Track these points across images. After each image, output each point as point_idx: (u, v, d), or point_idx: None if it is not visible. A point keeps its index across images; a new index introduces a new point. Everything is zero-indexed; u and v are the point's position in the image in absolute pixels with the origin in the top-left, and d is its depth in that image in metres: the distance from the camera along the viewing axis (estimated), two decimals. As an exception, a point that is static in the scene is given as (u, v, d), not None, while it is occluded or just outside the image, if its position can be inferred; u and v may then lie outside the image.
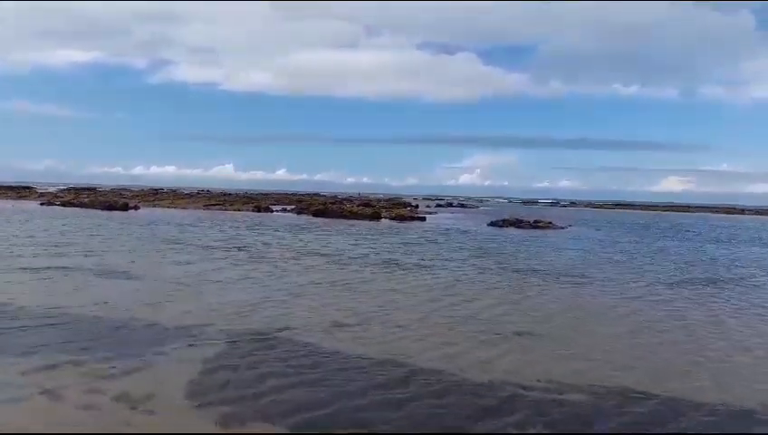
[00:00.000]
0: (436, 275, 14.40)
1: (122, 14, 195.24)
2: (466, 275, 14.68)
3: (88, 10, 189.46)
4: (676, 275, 16.02)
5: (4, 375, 6.00)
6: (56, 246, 17.13)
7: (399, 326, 8.84)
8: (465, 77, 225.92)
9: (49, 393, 5.56)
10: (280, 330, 8.26)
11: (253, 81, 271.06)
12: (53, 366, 6.33)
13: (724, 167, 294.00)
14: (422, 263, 16.65)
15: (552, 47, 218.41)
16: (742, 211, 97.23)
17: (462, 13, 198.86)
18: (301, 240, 22.36)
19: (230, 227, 27.66)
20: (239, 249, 18.34)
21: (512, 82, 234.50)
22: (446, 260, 17.56)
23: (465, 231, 31.15)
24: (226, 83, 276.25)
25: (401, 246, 21.53)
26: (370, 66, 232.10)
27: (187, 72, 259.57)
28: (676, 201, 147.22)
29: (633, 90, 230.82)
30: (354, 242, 22.29)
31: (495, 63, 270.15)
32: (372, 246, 21.03)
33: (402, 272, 14.73)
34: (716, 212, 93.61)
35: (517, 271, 15.56)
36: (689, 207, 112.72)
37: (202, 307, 9.65)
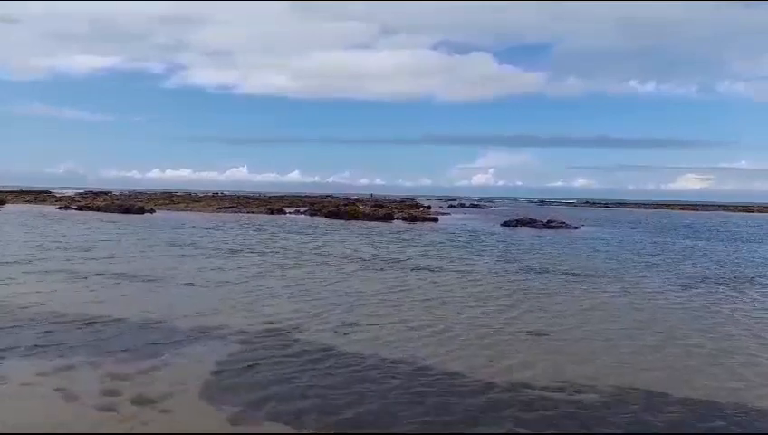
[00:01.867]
0: (443, 278, 14.37)
1: (140, 19, 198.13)
2: (483, 274, 14.65)
3: (106, 14, 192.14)
4: (689, 275, 15.83)
5: (21, 376, 6.11)
6: (76, 249, 17.40)
7: (411, 328, 8.87)
8: (479, 77, 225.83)
9: (66, 394, 5.66)
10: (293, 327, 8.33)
11: (268, 83, 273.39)
12: (70, 367, 6.44)
13: (743, 164, 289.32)
14: (429, 265, 16.63)
15: (567, 45, 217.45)
16: (754, 209, 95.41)
17: (477, 12, 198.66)
18: (323, 242, 22.46)
19: (245, 230, 27.86)
20: (257, 253, 18.47)
21: (527, 80, 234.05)
22: (461, 261, 17.52)
23: (478, 231, 31.05)
24: (241, 86, 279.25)
25: (410, 247, 21.52)
26: (385, 67, 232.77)
27: (203, 76, 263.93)
28: (694, 199, 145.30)
29: (650, 87, 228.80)
30: (369, 243, 22.35)
31: (511, 62, 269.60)
32: (380, 246, 21.06)
33: (399, 272, 14.73)
34: (732, 211, 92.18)
35: (530, 270, 15.48)
36: (706, 205, 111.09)
37: (226, 310, 9.75)
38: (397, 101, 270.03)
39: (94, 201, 50.40)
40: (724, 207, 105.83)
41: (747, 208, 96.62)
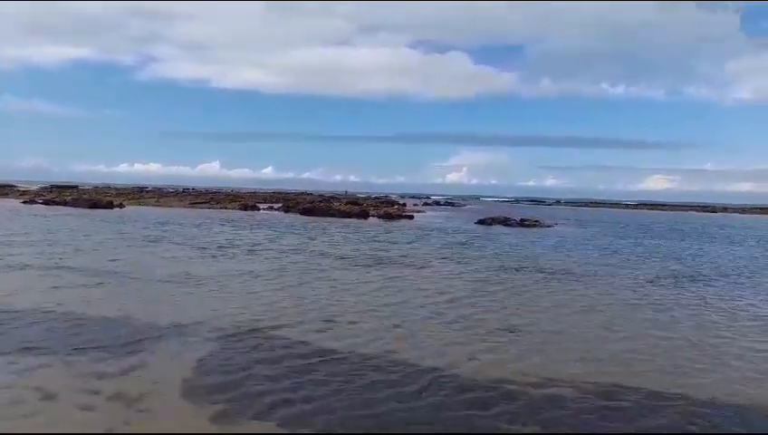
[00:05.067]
0: (426, 276, 14.49)
1: (114, 10, 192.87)
2: (459, 272, 14.81)
3: (78, 6, 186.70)
4: (655, 272, 16.30)
5: (-4, 375, 5.97)
6: (43, 244, 16.94)
7: (396, 325, 8.93)
8: (456, 76, 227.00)
9: (43, 394, 5.55)
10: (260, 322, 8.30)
11: (244, 78, 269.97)
12: (47, 366, 6.31)
13: (708, 166, 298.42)
14: (412, 262, 16.74)
15: (542, 47, 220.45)
16: (716, 209, 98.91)
17: (454, 12, 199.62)
18: (299, 240, 22.34)
19: (219, 226, 27.52)
20: (234, 249, 18.28)
21: (502, 81, 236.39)
22: (438, 258, 17.67)
23: (454, 229, 31.32)
24: (216, 80, 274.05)
25: (387, 245, 21.60)
26: (362, 64, 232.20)
27: (178, 69, 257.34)
28: (661, 199, 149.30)
29: (620, 89, 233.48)
30: (346, 241, 22.34)
31: (487, 63, 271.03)
32: (357, 244, 21.10)
33: (378, 271, 14.81)
34: (697, 211, 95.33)
35: (505, 268, 15.72)
36: (671, 205, 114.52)
37: (204, 308, 9.64)
38: (373, 98, 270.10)
39: (61, 195, 49.04)
40: (689, 207, 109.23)
41: (711, 209, 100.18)
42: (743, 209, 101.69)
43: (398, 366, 6.82)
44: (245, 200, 51.09)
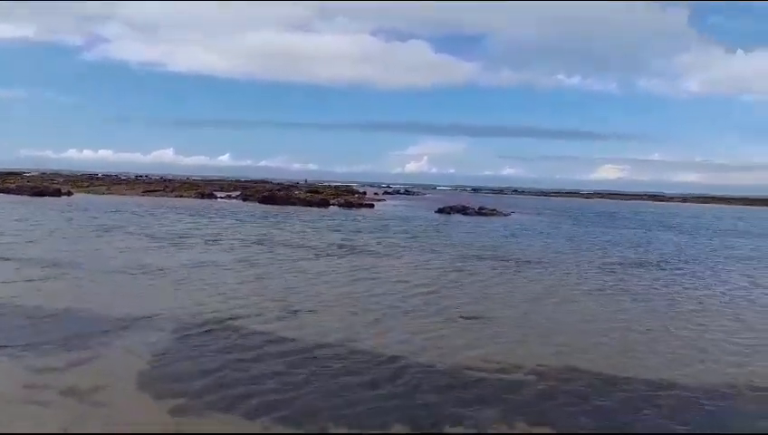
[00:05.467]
0: (390, 265, 14.52)
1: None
2: (421, 260, 14.91)
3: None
4: (608, 257, 16.87)
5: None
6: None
7: (353, 313, 8.91)
8: (416, 64, 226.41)
9: (-12, 390, 5.27)
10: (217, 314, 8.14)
11: (198, 61, 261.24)
12: (-8, 361, 5.99)
13: (656, 156, 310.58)
14: (376, 251, 16.74)
15: (503, 37, 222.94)
16: (666, 199, 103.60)
17: (416, 0, 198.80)
18: (259, 228, 21.94)
19: (176, 214, 26.77)
20: (191, 238, 17.81)
21: (462, 70, 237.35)
22: (400, 247, 17.73)
23: (413, 218, 31.51)
24: (170, 64, 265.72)
25: (348, 233, 21.55)
26: (322, 51, 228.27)
27: (128, 51, 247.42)
28: (611, 189, 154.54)
29: (575, 81, 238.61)
30: (308, 229, 22.12)
31: (448, 52, 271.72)
32: (318, 232, 20.95)
33: (339, 259, 14.77)
34: (646, 199, 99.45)
35: (465, 257, 15.93)
36: (621, 194, 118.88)
37: (167, 299, 9.35)
38: (332, 85, 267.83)
39: (4, 183, 46.60)
40: (638, 196, 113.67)
41: (660, 198, 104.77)
42: (684, 199, 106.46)
43: (366, 355, 6.80)
44: (202, 188, 49.91)
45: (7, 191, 39.37)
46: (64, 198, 36.97)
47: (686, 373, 6.67)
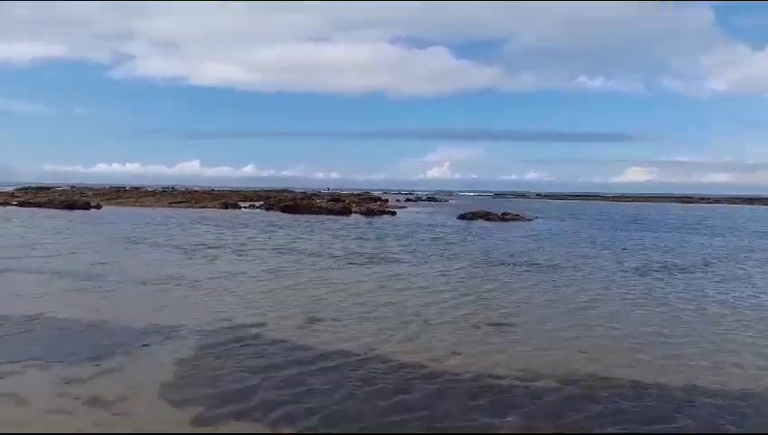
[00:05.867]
0: (418, 273, 14.44)
1: (86, 7, 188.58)
2: (443, 267, 14.79)
3: (49, 2, 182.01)
4: (636, 264, 16.47)
5: (-33, 382, 5.76)
6: (19, 247, 16.50)
7: (377, 318, 8.86)
8: (436, 71, 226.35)
9: (16, 399, 5.37)
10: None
11: (221, 75, 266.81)
12: (18, 372, 6.11)
13: (684, 158, 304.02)
14: (401, 259, 16.68)
15: (522, 41, 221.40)
16: (695, 200, 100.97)
17: (433, 7, 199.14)
18: (283, 238, 22.10)
19: (200, 225, 27.14)
20: (216, 249, 18.02)
21: (483, 75, 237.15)
22: (423, 254, 17.63)
23: (436, 225, 31.35)
24: (193, 78, 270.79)
25: (371, 242, 21.52)
26: (342, 61, 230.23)
27: (152, 67, 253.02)
28: (638, 192, 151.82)
29: (598, 83, 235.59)
30: (332, 238, 22.19)
31: (467, 57, 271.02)
32: (348, 241, 20.97)
33: (363, 268, 14.73)
34: (675, 201, 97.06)
35: (486, 263, 15.75)
36: (649, 197, 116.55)
37: (201, 310, 9.45)
38: (353, 94, 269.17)
39: (36, 197, 47.96)
40: (666, 198, 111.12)
41: (688, 199, 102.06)
42: (715, 200, 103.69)
43: (389, 363, 6.74)
44: (226, 199, 50.53)
45: (39, 205, 40.49)
46: (93, 210, 37.83)
47: (720, 380, 6.44)
